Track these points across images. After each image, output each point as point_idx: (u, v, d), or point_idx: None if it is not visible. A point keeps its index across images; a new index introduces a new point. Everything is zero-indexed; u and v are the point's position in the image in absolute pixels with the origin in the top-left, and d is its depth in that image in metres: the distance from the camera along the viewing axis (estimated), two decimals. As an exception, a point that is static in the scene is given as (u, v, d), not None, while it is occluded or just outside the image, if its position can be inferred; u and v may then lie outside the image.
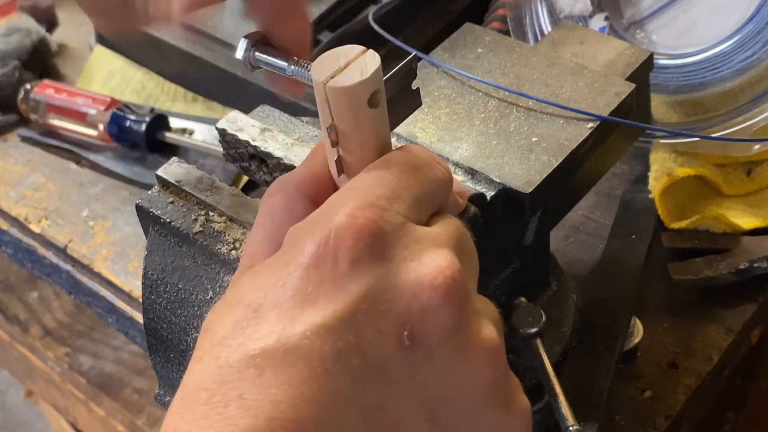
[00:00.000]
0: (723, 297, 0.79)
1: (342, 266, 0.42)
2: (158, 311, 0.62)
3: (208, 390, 0.41)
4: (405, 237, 0.44)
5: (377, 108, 0.46)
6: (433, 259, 0.43)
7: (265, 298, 0.42)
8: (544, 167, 0.62)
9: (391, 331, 0.42)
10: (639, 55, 0.73)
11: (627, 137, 0.74)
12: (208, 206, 0.60)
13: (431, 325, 0.43)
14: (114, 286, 0.90)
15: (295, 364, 0.41)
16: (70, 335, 0.97)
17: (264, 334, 0.41)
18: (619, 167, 0.88)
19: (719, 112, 0.82)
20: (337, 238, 0.43)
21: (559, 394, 0.61)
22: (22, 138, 1.07)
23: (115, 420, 0.92)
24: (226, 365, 0.41)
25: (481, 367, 0.44)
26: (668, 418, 0.72)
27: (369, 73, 0.45)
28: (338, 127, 0.46)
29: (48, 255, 0.95)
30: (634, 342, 0.75)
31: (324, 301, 0.42)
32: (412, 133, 0.66)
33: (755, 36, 0.81)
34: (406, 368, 0.43)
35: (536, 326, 0.64)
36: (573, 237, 0.85)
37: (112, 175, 1.01)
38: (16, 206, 0.99)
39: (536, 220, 0.65)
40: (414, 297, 0.43)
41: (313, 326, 0.41)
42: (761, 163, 0.84)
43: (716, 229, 0.81)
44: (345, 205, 0.44)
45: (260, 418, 0.40)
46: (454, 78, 0.70)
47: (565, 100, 0.67)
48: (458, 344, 0.44)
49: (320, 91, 0.45)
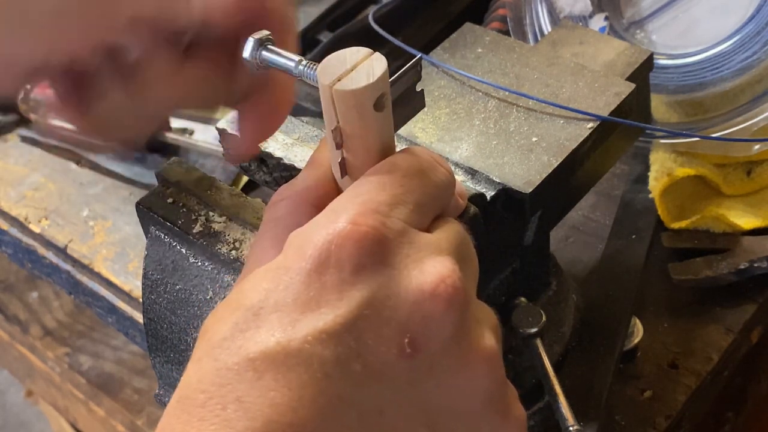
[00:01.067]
0: (723, 297, 0.79)
1: (344, 272, 0.42)
2: (158, 311, 0.62)
3: (206, 392, 0.41)
4: (407, 244, 0.44)
5: (383, 111, 0.46)
6: (435, 266, 0.43)
7: (265, 302, 0.42)
8: (544, 167, 0.62)
9: (392, 337, 0.42)
10: (639, 55, 0.73)
11: (627, 137, 0.74)
12: (208, 206, 0.60)
13: (432, 333, 0.43)
14: (114, 286, 0.90)
15: (295, 368, 0.41)
16: (70, 335, 0.97)
17: (264, 338, 0.41)
18: (619, 167, 0.88)
19: (719, 112, 0.82)
20: (339, 244, 0.42)
21: (559, 394, 0.61)
22: (22, 138, 1.07)
23: (115, 420, 0.92)
24: (224, 367, 0.41)
25: (480, 376, 0.44)
26: (668, 418, 0.72)
27: (376, 76, 0.44)
28: (343, 130, 0.46)
29: (48, 255, 0.95)
30: (634, 342, 0.75)
31: (325, 306, 0.42)
32: (413, 133, 0.66)
33: (755, 36, 0.81)
34: (406, 375, 0.43)
35: (536, 326, 0.64)
36: (573, 237, 0.85)
37: (112, 175, 1.01)
38: (16, 206, 0.99)
39: (536, 220, 0.65)
40: (415, 305, 0.43)
41: (314, 331, 0.41)
42: (761, 163, 0.84)
43: (716, 229, 0.81)
44: (347, 211, 0.44)
45: (258, 422, 0.40)
46: (454, 78, 0.70)
47: (565, 100, 0.67)
48: (458, 352, 0.44)
49: (326, 94, 0.45)
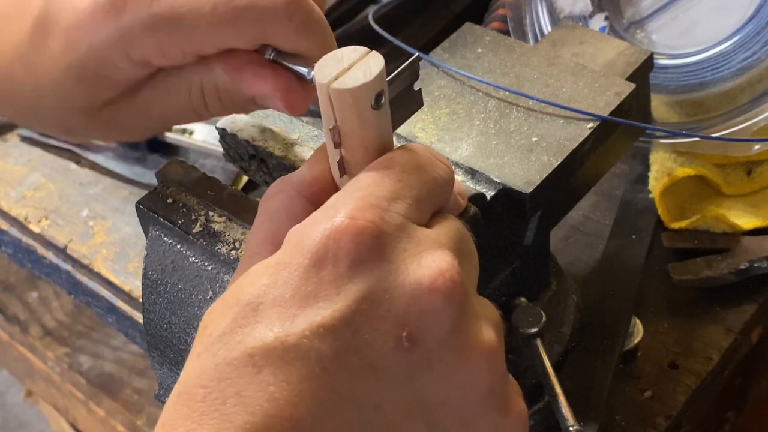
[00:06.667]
0: (723, 297, 0.79)
1: (342, 267, 0.42)
2: (158, 311, 0.62)
3: (206, 387, 0.41)
4: (405, 238, 0.44)
5: (380, 109, 0.46)
6: (433, 260, 0.43)
7: (264, 297, 0.43)
8: (544, 167, 0.62)
9: (390, 332, 0.42)
10: (639, 55, 0.73)
11: (627, 137, 0.74)
12: (208, 206, 0.60)
13: (430, 327, 0.43)
14: (114, 286, 0.90)
15: (293, 362, 0.41)
16: (70, 335, 0.97)
17: (263, 333, 0.41)
18: (619, 167, 0.88)
19: (719, 112, 0.82)
20: (337, 239, 0.43)
21: (559, 394, 0.61)
22: (22, 138, 1.07)
23: (115, 420, 0.92)
24: (223, 362, 0.41)
25: (479, 370, 0.44)
26: (668, 418, 0.72)
27: (373, 74, 0.44)
28: (341, 129, 0.46)
29: (48, 255, 0.95)
30: (634, 342, 0.75)
31: (324, 301, 0.42)
32: (412, 133, 0.66)
33: (755, 36, 0.81)
34: (404, 369, 0.43)
35: (536, 326, 0.64)
36: (573, 237, 0.85)
37: (112, 175, 1.01)
38: (16, 206, 0.99)
39: (536, 220, 0.65)
40: (413, 299, 0.43)
41: (312, 326, 0.41)
42: (761, 163, 0.84)
43: (716, 229, 0.81)
44: (345, 206, 0.44)
45: (257, 416, 0.40)
46: (454, 78, 0.70)
47: (565, 100, 0.67)
48: (456, 346, 0.44)
49: (324, 93, 0.45)
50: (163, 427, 0.41)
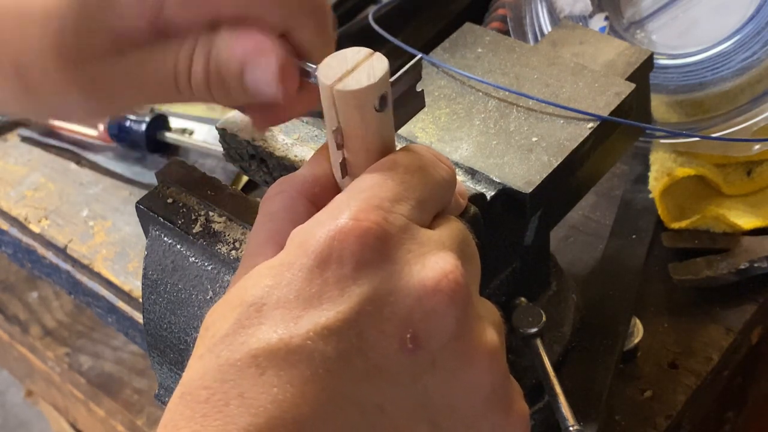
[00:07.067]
0: (723, 297, 0.79)
1: (346, 268, 0.42)
2: (158, 311, 0.62)
3: (209, 388, 0.41)
4: (409, 240, 0.44)
5: (384, 111, 0.46)
6: (437, 262, 0.43)
7: (268, 298, 0.42)
8: (544, 167, 0.62)
9: (394, 333, 0.42)
10: (639, 55, 0.73)
11: (627, 137, 0.74)
12: (208, 206, 0.60)
13: (434, 329, 0.43)
14: (114, 286, 0.90)
15: (297, 364, 0.41)
16: (70, 335, 0.97)
17: (266, 334, 0.41)
18: (619, 167, 0.88)
19: (719, 112, 0.82)
20: (341, 240, 0.43)
21: (559, 394, 0.62)
22: (22, 138, 1.07)
23: (115, 420, 0.92)
24: (227, 364, 0.41)
25: (482, 371, 0.44)
26: (668, 418, 0.72)
27: (377, 76, 0.44)
28: (344, 130, 0.46)
29: (48, 255, 0.95)
30: (634, 342, 0.75)
31: (327, 302, 0.42)
32: (413, 133, 0.66)
33: (755, 36, 0.81)
34: (408, 371, 0.43)
35: (536, 326, 0.64)
36: (573, 237, 0.85)
37: (112, 175, 1.01)
38: (16, 206, 0.99)
39: (536, 220, 0.66)
40: (417, 300, 0.43)
41: (316, 327, 0.41)
42: (761, 163, 0.84)
43: (716, 229, 0.81)
44: (349, 207, 0.44)
45: (261, 417, 0.40)
46: (454, 78, 0.70)
47: (565, 100, 0.67)
48: (460, 348, 0.44)
49: (327, 94, 0.45)
50: (165, 429, 0.41)
